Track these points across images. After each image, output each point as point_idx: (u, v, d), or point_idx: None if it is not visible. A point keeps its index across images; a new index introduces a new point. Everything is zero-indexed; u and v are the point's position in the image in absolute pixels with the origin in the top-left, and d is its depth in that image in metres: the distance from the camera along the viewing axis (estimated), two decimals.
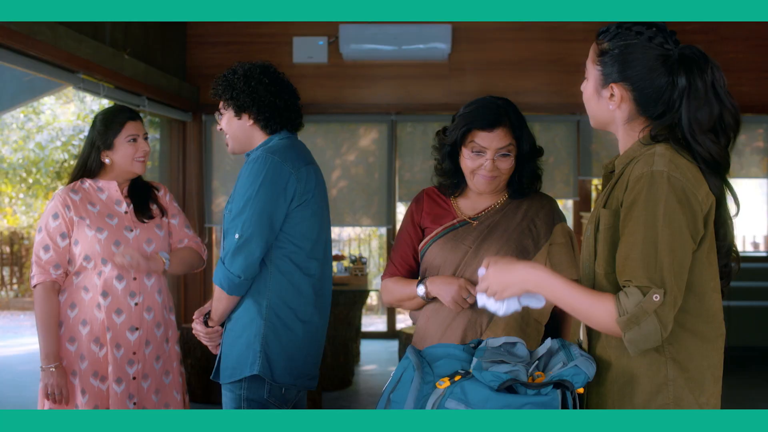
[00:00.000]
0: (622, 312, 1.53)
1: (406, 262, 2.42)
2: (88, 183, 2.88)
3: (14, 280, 11.31)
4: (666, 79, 1.64)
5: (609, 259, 1.63)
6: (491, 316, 2.22)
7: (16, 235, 11.47)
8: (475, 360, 1.66)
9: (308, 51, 6.31)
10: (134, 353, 2.81)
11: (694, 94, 1.62)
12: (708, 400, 1.64)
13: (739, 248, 9.77)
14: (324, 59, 6.35)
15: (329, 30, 6.31)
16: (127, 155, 2.84)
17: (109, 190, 2.88)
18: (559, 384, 1.58)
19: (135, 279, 2.82)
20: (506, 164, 2.28)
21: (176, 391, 2.95)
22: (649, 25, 1.67)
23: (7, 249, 11.36)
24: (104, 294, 2.78)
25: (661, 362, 1.61)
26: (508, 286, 1.68)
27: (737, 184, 10.36)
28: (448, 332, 2.27)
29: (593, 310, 1.58)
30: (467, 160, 2.28)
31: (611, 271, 1.62)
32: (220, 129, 2.60)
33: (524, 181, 2.33)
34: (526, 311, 2.23)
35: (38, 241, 2.83)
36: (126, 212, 2.87)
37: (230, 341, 2.51)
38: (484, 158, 2.25)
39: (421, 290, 2.30)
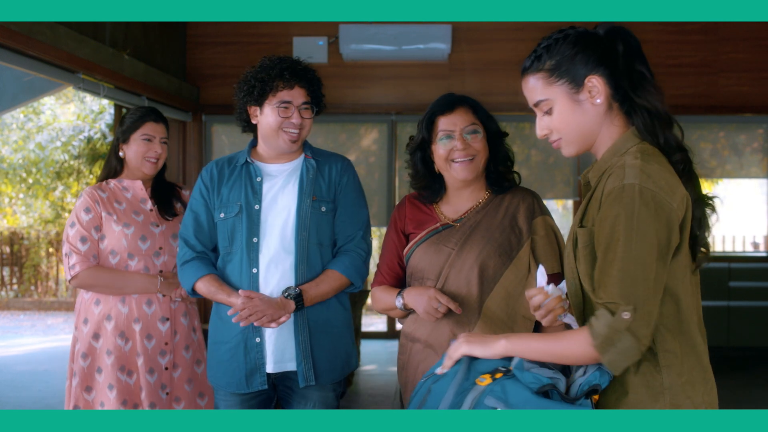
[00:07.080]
0: (595, 336, 1.54)
1: (392, 270, 2.44)
2: (113, 183, 2.97)
3: (14, 281, 11.30)
4: (612, 49, 1.67)
5: (593, 276, 1.63)
6: (480, 315, 2.24)
7: (16, 236, 11.46)
8: (516, 359, 1.64)
9: (308, 51, 6.30)
10: (166, 343, 2.89)
11: (630, 52, 1.65)
12: (704, 399, 1.64)
13: (739, 248, 9.81)
14: (324, 59, 6.34)
15: (329, 30, 6.31)
16: (138, 152, 2.92)
17: (134, 189, 2.96)
18: (590, 391, 1.57)
19: (161, 272, 2.91)
20: (477, 143, 2.31)
21: None
22: (560, 30, 1.71)
23: (7, 249, 11.35)
24: None
25: (656, 371, 1.61)
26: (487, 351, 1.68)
27: (737, 184, 10.33)
28: (434, 333, 2.29)
29: (568, 347, 1.58)
30: (440, 150, 2.32)
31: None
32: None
33: (499, 166, 2.36)
34: (512, 309, 2.24)
35: (73, 235, 2.86)
36: (151, 210, 2.95)
37: (332, 340, 2.57)
38: (453, 141, 2.29)
39: (399, 302, 2.33)
